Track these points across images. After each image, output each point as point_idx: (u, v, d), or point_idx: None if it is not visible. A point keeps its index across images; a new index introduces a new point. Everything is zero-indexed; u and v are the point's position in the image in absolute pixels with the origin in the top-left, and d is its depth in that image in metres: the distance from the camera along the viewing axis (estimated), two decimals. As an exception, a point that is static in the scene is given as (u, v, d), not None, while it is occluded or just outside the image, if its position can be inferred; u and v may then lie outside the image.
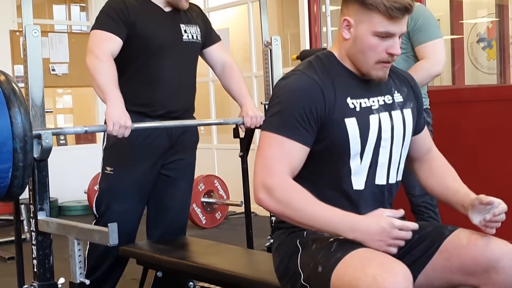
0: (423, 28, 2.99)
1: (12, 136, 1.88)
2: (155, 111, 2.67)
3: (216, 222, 5.40)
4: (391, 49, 1.78)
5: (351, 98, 1.82)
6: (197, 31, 2.77)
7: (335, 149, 1.79)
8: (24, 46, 2.19)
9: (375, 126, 1.82)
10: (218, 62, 2.89)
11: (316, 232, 1.81)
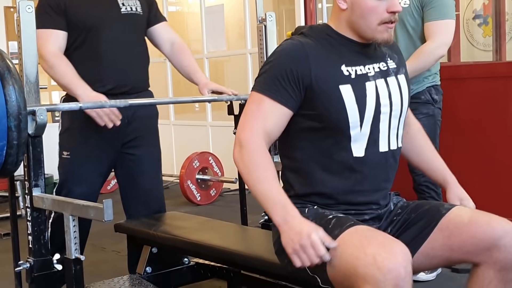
0: (437, 5, 2.92)
1: (6, 115, 1.88)
2: (104, 86, 2.63)
3: (211, 199, 5.42)
4: (391, 7, 1.78)
5: (346, 65, 1.81)
6: (136, 3, 2.77)
7: (332, 118, 1.78)
8: (17, 22, 2.17)
9: (372, 93, 1.82)
10: (166, 40, 2.92)
11: (317, 209, 1.82)
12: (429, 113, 3.04)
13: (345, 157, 1.81)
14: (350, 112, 1.78)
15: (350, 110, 1.78)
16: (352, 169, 1.82)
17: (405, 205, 1.93)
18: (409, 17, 2.99)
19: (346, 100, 1.77)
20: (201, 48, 6.35)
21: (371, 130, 1.82)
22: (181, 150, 6.34)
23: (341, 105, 1.77)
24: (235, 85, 7.84)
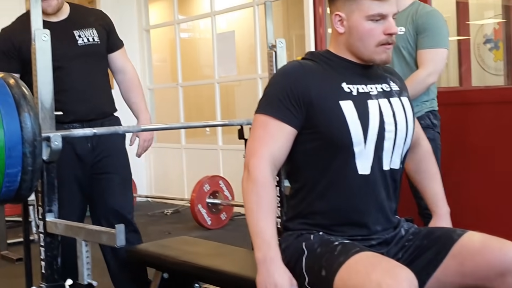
0: (431, 33, 2.98)
1: (21, 141, 1.90)
2: (67, 117, 2.66)
3: (222, 223, 5.42)
4: (388, 29, 1.82)
5: (347, 83, 1.84)
6: (93, 33, 2.83)
7: (335, 134, 1.79)
8: (33, 50, 2.21)
9: (375, 111, 1.83)
10: (119, 70, 2.98)
11: (323, 236, 1.81)
12: (430, 137, 3.04)
13: (350, 175, 1.82)
14: (353, 128, 1.79)
15: (353, 126, 1.79)
16: (357, 187, 1.83)
17: (416, 231, 1.92)
18: (405, 44, 3.05)
19: (347, 116, 1.79)
20: (212, 73, 6.39)
21: (376, 147, 1.83)
22: (192, 174, 6.35)
23: (343, 121, 1.79)
24: (246, 110, 7.88)
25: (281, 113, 1.80)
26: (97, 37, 2.85)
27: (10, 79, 2.01)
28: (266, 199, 1.75)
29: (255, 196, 1.75)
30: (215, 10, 6.31)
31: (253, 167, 1.77)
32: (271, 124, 1.80)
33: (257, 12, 5.80)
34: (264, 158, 1.78)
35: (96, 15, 2.96)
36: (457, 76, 5.62)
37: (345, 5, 1.83)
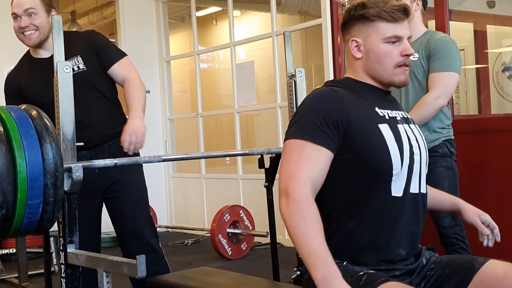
0: (442, 57, 3.00)
1: (43, 172, 1.92)
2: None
3: (242, 253, 5.39)
4: (404, 51, 1.87)
5: (379, 107, 1.88)
6: (78, 61, 2.83)
7: (377, 157, 1.80)
8: (55, 82, 2.24)
9: (404, 134, 1.87)
10: (121, 80, 2.92)
11: (347, 266, 1.80)
12: (448, 165, 3.06)
13: (383, 197, 1.82)
14: (392, 150, 1.81)
15: (392, 149, 1.81)
16: (388, 209, 1.82)
17: (438, 260, 1.91)
18: (418, 69, 3.07)
19: (387, 139, 1.82)
20: (232, 103, 6.43)
21: (408, 170, 1.85)
22: (212, 204, 6.35)
23: (384, 144, 1.81)
24: (266, 139, 7.92)
25: (318, 137, 1.77)
26: (82, 64, 2.84)
27: (33, 110, 2.03)
28: (313, 218, 1.68)
29: (301, 217, 1.67)
30: (234, 41, 6.37)
31: (293, 189, 1.71)
32: (307, 147, 1.76)
33: (276, 42, 5.84)
34: (303, 180, 1.73)
35: (84, 38, 2.93)
36: (476, 104, 5.60)
37: (361, 30, 1.88)
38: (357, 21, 1.89)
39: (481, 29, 5.92)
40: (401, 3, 1.87)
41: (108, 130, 2.89)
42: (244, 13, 8.21)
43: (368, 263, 1.82)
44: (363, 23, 1.88)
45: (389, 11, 1.84)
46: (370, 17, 1.86)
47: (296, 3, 7.10)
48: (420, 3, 3.19)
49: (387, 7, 1.85)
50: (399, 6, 1.86)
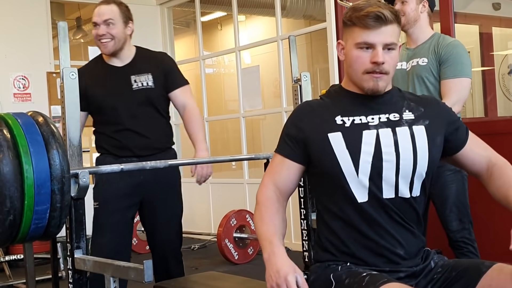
0: (454, 63, 3.00)
1: (50, 178, 1.92)
2: (123, 152, 3.05)
3: (249, 257, 5.39)
4: (373, 58, 1.86)
5: (342, 115, 1.91)
6: (148, 78, 3.08)
7: (326, 165, 1.87)
8: (61, 88, 2.25)
9: (370, 140, 1.86)
10: (180, 105, 3.19)
11: (351, 267, 1.83)
12: (456, 169, 3.05)
13: (351, 203, 1.85)
14: (341, 158, 1.85)
15: (341, 156, 1.85)
16: (360, 215, 1.85)
17: (445, 264, 1.91)
18: (428, 74, 3.07)
19: (334, 146, 1.86)
20: (238, 108, 6.43)
21: (371, 176, 1.84)
22: (218, 208, 6.35)
23: (331, 152, 1.86)
24: (271, 143, 7.89)
25: (283, 150, 1.97)
26: (151, 82, 3.08)
27: (39, 117, 2.04)
28: (267, 212, 1.89)
29: (259, 214, 1.91)
30: (239, 46, 6.38)
31: (259, 194, 1.95)
32: (276, 159, 1.98)
33: (281, 47, 5.85)
34: (267, 186, 1.95)
35: (156, 60, 3.19)
36: (483, 107, 5.58)
37: (344, 33, 1.94)
38: (344, 25, 1.93)
39: (487, 32, 5.91)
40: (376, 10, 1.82)
41: (159, 144, 3.14)
42: (249, 18, 8.22)
43: (373, 265, 1.83)
44: (344, 28, 1.93)
45: (360, 17, 1.84)
46: (347, 21, 1.90)
47: (300, 7, 7.11)
48: (426, 5, 3.18)
49: (361, 13, 1.84)
50: (373, 13, 1.82)
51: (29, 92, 6.08)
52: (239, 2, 6.51)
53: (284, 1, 6.86)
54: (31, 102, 6.04)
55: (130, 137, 3.06)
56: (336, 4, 4.98)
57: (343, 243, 1.87)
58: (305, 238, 2.80)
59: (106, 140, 3.09)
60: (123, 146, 3.06)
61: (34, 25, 6.18)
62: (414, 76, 3.11)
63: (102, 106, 3.07)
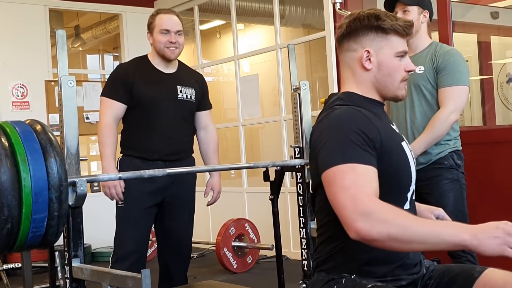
0: (451, 72, 3.01)
1: (48, 186, 1.91)
2: (152, 155, 3.22)
3: (247, 266, 5.38)
4: (407, 67, 1.90)
5: (392, 124, 1.94)
6: (192, 92, 3.35)
7: (401, 174, 1.83)
8: (59, 96, 2.24)
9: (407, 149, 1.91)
10: (203, 127, 3.47)
11: (355, 280, 1.80)
12: (453, 178, 3.05)
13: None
14: (412, 167, 1.86)
15: (412, 166, 1.86)
16: None
17: (437, 269, 1.93)
18: (425, 82, 3.08)
19: (409, 156, 1.86)
20: (237, 116, 6.43)
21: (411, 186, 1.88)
22: (217, 217, 6.34)
23: (407, 162, 1.84)
24: (271, 151, 7.91)
25: (365, 157, 1.69)
26: (194, 96, 3.35)
27: (37, 125, 2.03)
28: (405, 214, 1.63)
29: (394, 218, 1.57)
30: (238, 54, 6.39)
31: (368, 207, 1.58)
32: (360, 168, 1.66)
33: (280, 55, 5.86)
34: (371, 195, 1.62)
35: (197, 78, 3.49)
36: (481, 115, 5.59)
37: (373, 41, 1.86)
38: (370, 32, 1.85)
39: (485, 40, 5.92)
40: (409, 19, 1.90)
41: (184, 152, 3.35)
42: (248, 26, 8.23)
43: (377, 273, 1.81)
44: (377, 34, 1.85)
45: (404, 26, 1.85)
46: (386, 29, 1.84)
47: (299, 16, 7.12)
48: (427, 15, 3.20)
49: (400, 21, 1.86)
50: (410, 22, 1.88)
51: (28, 100, 6.08)
52: (238, 10, 6.52)
53: (283, 9, 6.87)
54: (29, 110, 6.04)
55: (164, 143, 3.23)
56: (335, 13, 4.99)
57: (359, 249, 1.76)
58: (304, 246, 2.80)
59: (138, 141, 3.23)
60: (155, 150, 3.22)
61: (32, 34, 6.19)
62: (411, 84, 3.12)
63: (146, 106, 3.21)
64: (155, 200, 3.25)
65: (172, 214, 3.31)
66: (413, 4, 3.17)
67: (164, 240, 3.36)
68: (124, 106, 3.23)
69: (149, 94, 3.23)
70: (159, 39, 3.27)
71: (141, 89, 3.21)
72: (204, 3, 6.72)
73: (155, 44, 3.29)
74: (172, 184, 3.26)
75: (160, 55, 3.30)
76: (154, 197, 3.24)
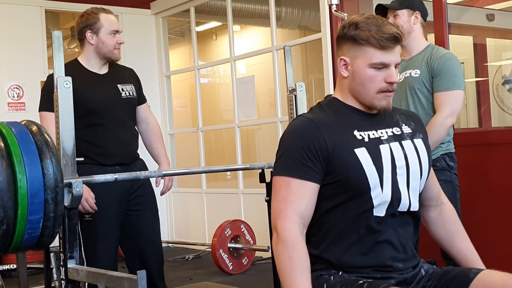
0: (447, 76, 3.01)
1: (43, 188, 1.91)
2: (110, 160, 3.09)
3: (243, 268, 5.38)
4: (388, 78, 1.87)
5: (358, 130, 1.89)
6: (132, 88, 3.23)
7: (353, 181, 1.83)
8: (56, 97, 2.24)
9: (387, 155, 1.87)
10: (144, 120, 3.35)
11: (343, 275, 1.83)
12: (446, 179, 3.06)
13: (367, 219, 1.84)
14: (369, 173, 1.83)
15: (369, 172, 1.83)
16: (374, 229, 1.85)
17: (435, 271, 1.94)
18: (420, 86, 3.08)
19: (363, 162, 1.83)
20: (233, 118, 6.43)
21: (393, 190, 1.86)
22: (213, 218, 6.34)
23: (359, 168, 1.83)
24: (267, 153, 7.91)
25: (301, 172, 1.82)
26: (134, 92, 3.22)
27: (33, 126, 2.03)
28: (299, 259, 1.75)
29: (287, 258, 1.75)
30: (234, 56, 6.39)
31: (281, 228, 1.78)
32: (293, 183, 1.82)
33: (276, 57, 5.86)
34: (291, 218, 1.79)
35: (130, 72, 3.32)
36: (477, 117, 5.60)
37: (350, 50, 1.88)
38: (348, 41, 1.88)
39: (481, 42, 5.94)
40: (393, 31, 1.84)
41: (136, 153, 3.24)
42: (244, 28, 8.24)
43: (365, 273, 1.84)
44: (353, 44, 1.87)
45: (379, 38, 1.82)
46: (359, 40, 1.85)
47: (296, 17, 7.13)
48: (419, 16, 3.19)
49: (378, 33, 1.83)
50: (390, 34, 1.83)
51: (23, 101, 6.07)
52: (234, 12, 6.52)
53: (279, 11, 6.88)
54: (25, 111, 6.04)
55: (118, 146, 3.11)
56: (331, 15, 4.99)
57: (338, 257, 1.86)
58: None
59: (89, 147, 3.04)
60: (112, 154, 3.10)
61: (29, 35, 6.19)
62: (407, 87, 3.12)
63: (93, 112, 3.07)
64: (120, 209, 3.12)
65: (139, 218, 3.18)
66: (402, 8, 3.18)
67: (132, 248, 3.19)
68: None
69: (94, 99, 3.06)
70: (109, 41, 3.10)
71: (84, 96, 2.97)
72: (200, 5, 6.71)
73: (102, 46, 3.10)
74: (131, 187, 3.14)
75: (105, 57, 3.13)
76: (119, 206, 3.11)
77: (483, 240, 3.40)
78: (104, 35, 3.11)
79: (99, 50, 3.11)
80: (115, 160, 3.10)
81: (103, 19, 3.12)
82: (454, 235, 2.07)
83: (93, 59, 3.14)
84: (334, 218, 1.86)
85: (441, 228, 2.07)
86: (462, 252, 2.06)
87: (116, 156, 3.11)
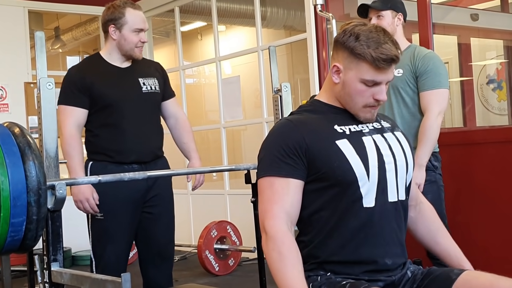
0: (432, 75, 3.03)
1: (26, 190, 1.89)
2: (128, 158, 2.97)
3: (229, 269, 5.36)
4: (377, 95, 1.87)
5: (338, 125, 1.89)
6: (155, 82, 3.09)
7: (338, 173, 1.82)
8: (38, 99, 2.22)
9: (371, 145, 1.88)
10: (172, 115, 3.24)
11: (330, 277, 1.83)
12: (431, 179, 3.08)
13: (357, 210, 1.84)
14: (354, 163, 1.83)
15: (353, 162, 1.83)
16: (364, 221, 1.84)
17: (420, 272, 1.94)
18: (404, 86, 3.10)
19: (346, 153, 1.83)
20: (218, 118, 6.42)
21: (379, 180, 1.86)
22: (199, 220, 6.32)
23: (343, 159, 1.83)
24: (252, 154, 7.90)
25: (283, 170, 1.83)
26: (158, 86, 3.10)
27: (15, 128, 2.01)
28: (289, 254, 1.74)
29: (278, 254, 1.74)
30: (220, 56, 6.37)
31: (269, 227, 1.78)
32: (276, 182, 1.83)
33: (262, 57, 5.86)
34: (278, 216, 1.79)
35: (155, 66, 3.21)
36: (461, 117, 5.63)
37: (346, 59, 1.87)
38: (345, 50, 1.86)
39: (465, 42, 5.96)
40: (391, 52, 1.81)
41: (159, 151, 3.15)
42: (229, 28, 8.23)
43: (353, 274, 1.84)
44: (349, 55, 1.85)
45: (376, 58, 1.80)
46: (356, 54, 1.83)
47: (281, 18, 7.13)
48: (401, 18, 3.21)
49: (376, 52, 1.80)
50: (387, 56, 1.80)
51: (7, 102, 6.02)
52: (219, 12, 6.51)
53: (264, 11, 6.87)
54: (8, 112, 5.98)
55: (135, 144, 2.99)
56: (316, 15, 4.99)
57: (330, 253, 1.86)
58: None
59: (105, 144, 2.97)
60: (130, 152, 2.98)
61: (12, 35, 6.14)
62: (390, 87, 3.13)
63: (111, 107, 2.97)
64: (135, 209, 3.01)
65: (155, 221, 3.08)
66: (386, 8, 3.18)
67: (146, 249, 3.12)
68: (86, 111, 2.95)
69: (111, 93, 2.96)
70: (131, 39, 3.00)
71: (102, 90, 2.94)
72: (185, 4, 6.69)
73: (124, 43, 3.00)
74: (149, 188, 3.03)
75: (126, 54, 3.03)
76: (134, 206, 3.00)
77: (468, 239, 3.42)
78: (127, 32, 3.00)
79: (120, 46, 3.01)
80: (133, 158, 2.98)
81: (129, 16, 3.01)
82: (436, 232, 2.08)
83: (115, 54, 3.04)
84: (325, 215, 1.85)
85: (422, 227, 2.07)
86: (446, 249, 2.07)
87: (134, 153, 2.98)
